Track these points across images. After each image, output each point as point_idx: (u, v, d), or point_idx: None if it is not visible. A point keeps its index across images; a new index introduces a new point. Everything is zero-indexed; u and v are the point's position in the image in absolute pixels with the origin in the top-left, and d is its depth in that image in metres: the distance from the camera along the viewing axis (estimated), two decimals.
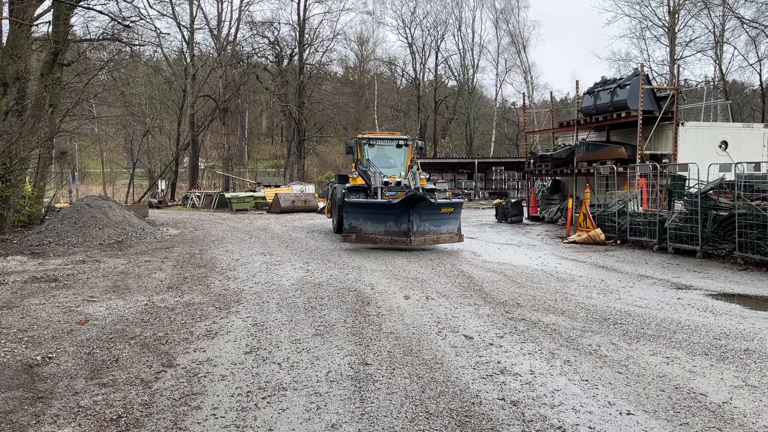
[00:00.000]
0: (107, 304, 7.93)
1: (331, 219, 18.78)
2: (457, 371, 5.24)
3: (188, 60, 41.58)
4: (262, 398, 4.62)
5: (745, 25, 39.42)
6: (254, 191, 34.52)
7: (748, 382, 5.01)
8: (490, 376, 5.13)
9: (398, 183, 14.73)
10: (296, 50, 46.41)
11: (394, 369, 5.29)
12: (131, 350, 5.89)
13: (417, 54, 54.75)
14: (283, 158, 50.97)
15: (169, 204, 35.78)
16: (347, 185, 15.69)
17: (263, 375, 5.14)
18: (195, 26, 41.75)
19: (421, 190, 13.25)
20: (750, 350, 5.91)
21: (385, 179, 14.82)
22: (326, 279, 9.84)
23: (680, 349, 5.97)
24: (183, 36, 42.00)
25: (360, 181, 15.85)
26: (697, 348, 5.98)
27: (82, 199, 19.53)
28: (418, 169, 15.67)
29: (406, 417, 4.26)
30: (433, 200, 12.88)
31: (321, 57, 48.48)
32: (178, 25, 40.86)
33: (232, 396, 4.67)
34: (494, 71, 55.04)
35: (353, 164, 17.30)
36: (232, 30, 44.74)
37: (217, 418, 4.26)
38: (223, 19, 44.56)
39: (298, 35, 46.01)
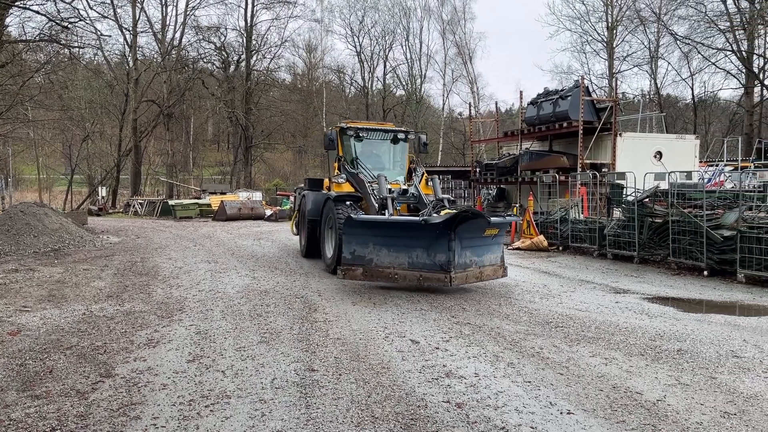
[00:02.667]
0: (42, 314, 7.61)
1: (298, 236, 14.90)
2: (403, 375, 5.27)
3: (131, 64, 40.52)
4: (205, 406, 4.52)
5: (678, 42, 41.29)
6: (199, 198, 33.85)
7: (681, 381, 5.22)
8: (436, 379, 5.18)
9: (404, 191, 11.16)
10: (243, 56, 45.88)
11: (340, 375, 5.27)
12: (67, 361, 5.67)
13: (365, 63, 55.03)
14: (229, 165, 50.20)
15: (110, 211, 34.70)
16: (333, 194, 11.32)
17: (206, 383, 5.04)
18: (138, 29, 40.72)
19: (444, 203, 10.37)
20: (683, 350, 6.16)
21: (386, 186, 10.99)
22: (273, 286, 9.73)
23: (618, 350, 6.17)
24: (125, 39, 40.94)
25: (347, 188, 11.69)
26: (633, 349, 6.20)
27: (15, 205, 18.71)
28: (423, 174, 12.03)
29: (352, 422, 4.25)
30: (486, 219, 9.07)
31: (269, 63, 48.13)
32: (120, 27, 39.76)
33: (174, 405, 4.55)
34: (441, 81, 55.86)
35: (335, 164, 12.57)
36: (177, 34, 43.88)
37: (157, 428, 4.15)
38: (167, 23, 43.66)
39: (245, 41, 45.51)
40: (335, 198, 11.10)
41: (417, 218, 8.93)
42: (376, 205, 10.47)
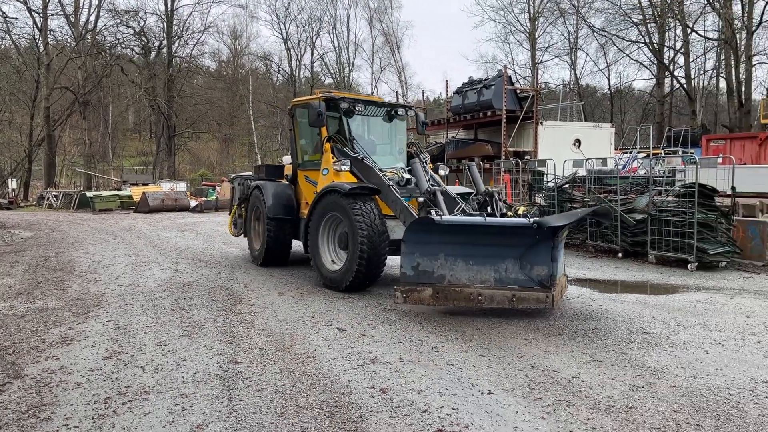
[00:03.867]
0: None
1: (239, 237, 12.25)
2: (329, 363, 5.27)
3: (41, 48, 38.29)
4: (122, 404, 4.37)
5: (595, 33, 42.93)
6: (120, 190, 32.54)
7: (595, 358, 5.47)
8: (361, 366, 5.21)
9: (407, 181, 8.87)
10: (164, 42, 44.26)
11: (265, 365, 5.21)
12: None
13: (293, 50, 54.31)
14: (151, 155, 48.47)
15: (22, 204, 32.82)
16: (344, 185, 8.24)
17: (124, 380, 4.87)
18: (49, 12, 38.52)
19: (497, 198, 8.13)
20: (597, 329, 6.46)
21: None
22: (196, 279, 9.49)
23: (537, 331, 6.39)
24: (35, 22, 38.63)
25: (347, 177, 8.77)
26: (552, 329, 6.44)
27: None
28: (426, 159, 9.77)
29: (276, 412, 4.22)
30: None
31: (192, 50, 46.66)
32: (29, 10, 37.49)
33: (88, 404, 4.37)
34: (370, 70, 55.86)
35: (326, 144, 9.18)
36: (92, 18, 41.85)
37: (69, 428, 3.98)
38: (81, 5, 41.48)
39: (166, 26, 43.89)
40: (349, 192, 8.07)
41: (523, 220, 6.75)
42: (401, 199, 7.99)
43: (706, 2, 36.64)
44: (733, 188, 11.35)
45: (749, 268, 10.33)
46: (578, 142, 19.66)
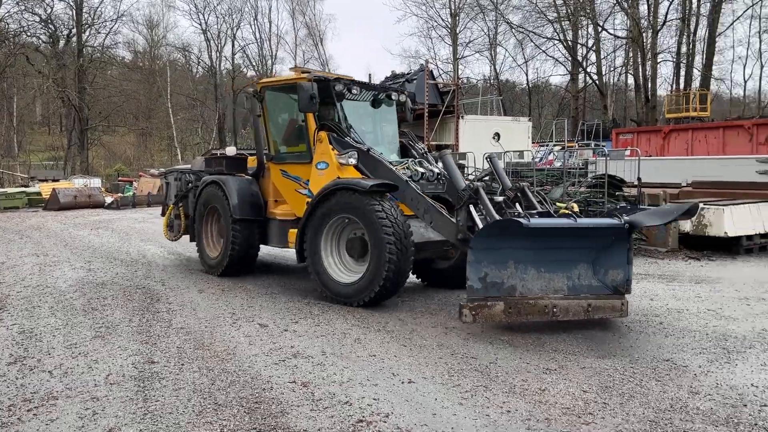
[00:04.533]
0: None
1: (177, 239, 10.47)
2: (249, 360, 5.19)
3: None
4: (27, 410, 4.15)
5: (513, 30, 44.19)
6: (27, 186, 30.71)
7: (512, 344, 5.66)
8: (283, 360, 5.17)
9: (421, 175, 7.69)
10: (74, 30, 42.05)
11: (182, 364, 5.08)
12: None
13: (212, 41, 52.87)
14: (62, 150, 46.00)
15: None
16: (365, 183, 6.94)
17: (30, 386, 4.62)
18: None
19: (528, 193, 6.86)
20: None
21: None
22: (111, 278, 9.11)
23: (458, 320, 6.53)
24: None
25: (351, 173, 7.44)
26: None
27: None
28: (423, 149, 8.64)
29: (194, 411, 4.12)
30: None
31: (104, 39, 44.55)
32: None
33: None
34: (293, 62, 55.17)
35: (321, 133, 7.75)
36: None
37: None
38: None
39: (75, 14, 41.72)
40: (370, 188, 6.81)
41: (615, 220, 6.02)
42: (424, 197, 7.00)
43: (615, 2, 38.41)
44: (639, 179, 11.99)
45: (654, 254, 10.96)
46: (497, 135, 20.20)
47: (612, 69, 46.50)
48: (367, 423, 3.92)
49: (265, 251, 9.78)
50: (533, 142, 23.20)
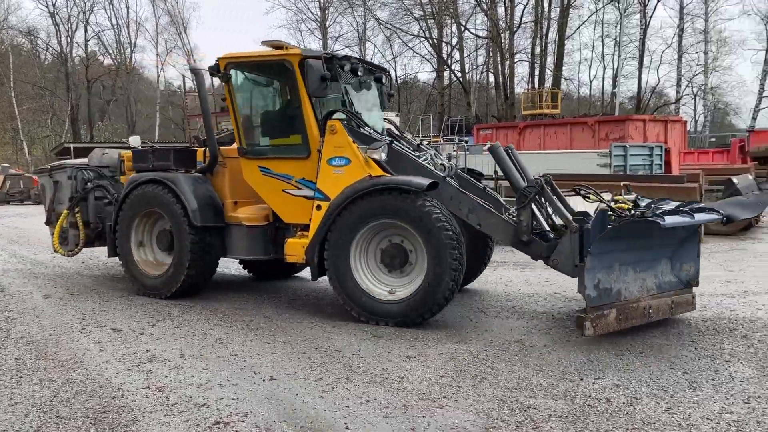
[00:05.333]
0: None
1: (76, 254, 8.64)
2: (99, 367, 4.87)
3: None
4: None
5: (381, 26, 44.95)
6: None
7: (375, 334, 5.76)
8: (137, 366, 4.90)
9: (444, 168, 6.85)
10: None
11: (21, 377, 4.66)
12: None
13: (62, 26, 48.85)
14: None
15: None
16: (395, 179, 6.03)
17: None
18: None
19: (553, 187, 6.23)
20: None
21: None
22: None
23: (322, 313, 6.57)
24: None
25: (372, 170, 6.13)
26: (336, 311, 6.63)
27: None
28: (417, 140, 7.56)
29: (31, 427, 3.80)
30: None
31: None
32: None
33: None
34: (155, 51, 52.37)
35: (334, 122, 6.29)
36: None
37: None
38: None
39: None
40: (428, 188, 5.84)
41: (713, 215, 5.82)
42: (467, 194, 6.29)
43: (476, 3, 40.27)
44: (495, 172, 12.67)
45: None
46: None
47: (475, 67, 48.77)
48: (225, 424, 3.82)
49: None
50: None
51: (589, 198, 6.25)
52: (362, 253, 6.22)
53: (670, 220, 5.29)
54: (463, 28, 42.19)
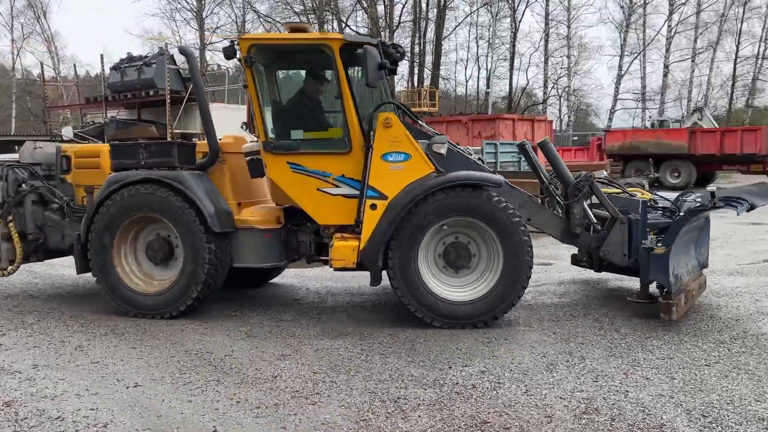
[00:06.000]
0: None
1: (11, 273, 6.82)
2: None
3: None
4: None
5: (261, 19, 44.06)
6: None
7: (250, 334, 5.66)
8: None
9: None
10: None
11: None
12: None
13: None
14: None
15: None
16: (474, 175, 5.86)
17: None
18: None
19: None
20: (256, 305, 6.69)
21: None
22: None
23: (194, 314, 6.31)
24: None
25: (414, 169, 5.82)
26: (208, 311, 6.44)
27: None
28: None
29: None
30: None
31: None
32: None
33: None
34: (9, 36, 47.86)
35: (389, 114, 5.85)
36: None
37: None
38: None
39: None
40: (505, 184, 6.04)
41: (744, 205, 6.17)
42: (521, 191, 6.43)
43: (356, 0, 40.57)
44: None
45: None
46: (245, 125, 20.00)
47: None
48: None
49: None
50: None
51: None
52: (428, 253, 5.89)
53: (740, 209, 6.00)
54: (344, 25, 42.32)
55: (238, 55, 6.03)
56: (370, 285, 5.92)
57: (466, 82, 54.60)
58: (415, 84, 41.68)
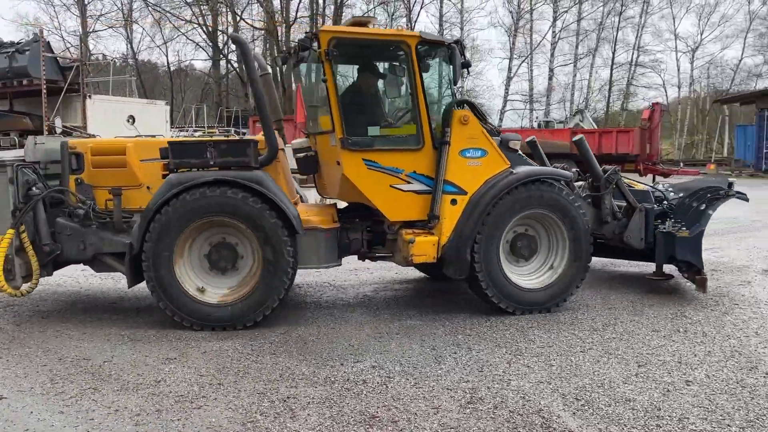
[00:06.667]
0: None
1: (27, 292, 5.83)
2: None
3: None
4: None
5: (150, 8, 42.09)
6: None
7: (133, 338, 5.38)
8: None
9: None
10: None
11: None
12: None
13: None
14: None
15: None
16: (547, 170, 6.49)
17: None
18: None
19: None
20: (140, 307, 6.38)
21: None
22: None
23: (73, 319, 5.95)
24: None
25: (492, 164, 6.09)
26: (90, 316, 6.07)
27: None
28: None
29: None
30: None
31: None
32: None
33: None
34: None
35: (466, 111, 6.06)
36: None
37: None
38: None
39: None
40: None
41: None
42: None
43: None
44: None
45: None
46: (132, 118, 19.07)
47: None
48: None
49: None
50: (172, 126, 22.58)
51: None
52: (502, 245, 6.15)
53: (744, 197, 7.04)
54: (239, 18, 41.30)
55: (314, 47, 5.75)
56: (453, 278, 6.09)
57: None
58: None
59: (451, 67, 5.92)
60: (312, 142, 6.70)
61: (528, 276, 6.29)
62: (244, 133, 25.09)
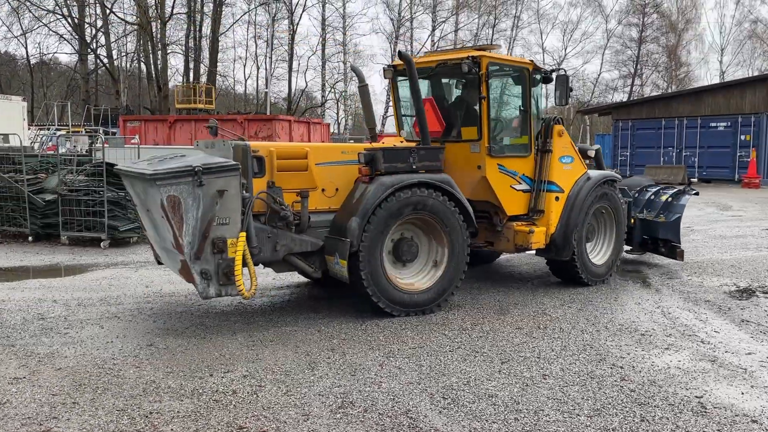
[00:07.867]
0: None
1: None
2: None
3: None
4: None
5: (8, 2, 38.67)
6: None
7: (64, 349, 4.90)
8: None
9: None
10: None
11: None
12: None
13: None
14: None
15: None
16: (609, 173, 8.23)
17: None
18: None
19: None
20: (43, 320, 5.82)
21: None
22: None
23: (12, 329, 5.32)
24: None
25: (576, 169, 7.74)
26: (12, 332, 5.46)
27: None
28: None
29: None
30: None
31: None
32: None
33: None
34: None
35: (559, 126, 7.53)
36: None
37: None
38: None
39: None
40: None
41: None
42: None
43: None
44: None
45: None
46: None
47: (124, 54, 45.48)
48: None
49: None
50: (31, 124, 20.84)
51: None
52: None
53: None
54: (108, 11, 38.90)
55: (474, 70, 6.74)
56: (559, 258, 7.39)
57: (245, 80, 53.95)
58: (191, 80, 39.88)
59: (558, 91, 7.32)
60: None
61: (594, 256, 7.90)
62: (114, 133, 23.70)
